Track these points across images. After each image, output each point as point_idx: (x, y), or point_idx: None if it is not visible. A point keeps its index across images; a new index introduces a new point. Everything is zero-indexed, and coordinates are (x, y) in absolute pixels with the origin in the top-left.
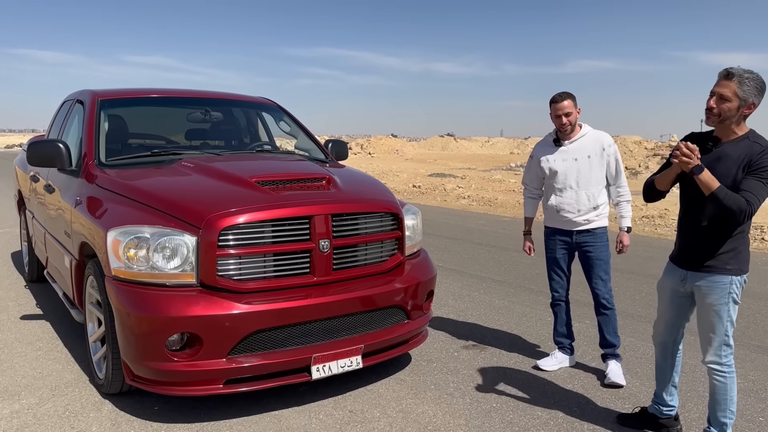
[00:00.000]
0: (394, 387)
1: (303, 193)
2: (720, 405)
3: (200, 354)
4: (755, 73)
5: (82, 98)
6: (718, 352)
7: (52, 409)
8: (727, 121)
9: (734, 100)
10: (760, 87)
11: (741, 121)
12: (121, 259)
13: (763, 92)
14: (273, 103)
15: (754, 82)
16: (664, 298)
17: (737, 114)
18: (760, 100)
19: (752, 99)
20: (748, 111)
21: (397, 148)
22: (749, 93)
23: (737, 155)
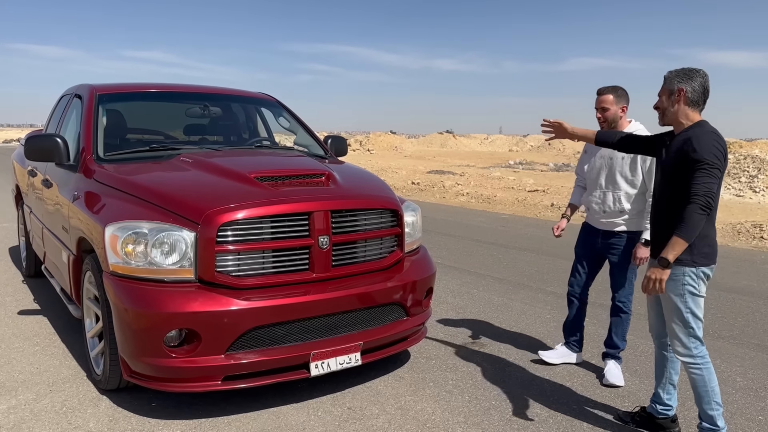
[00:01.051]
0: (393, 384)
1: (302, 189)
2: (703, 398)
3: (198, 350)
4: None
5: (80, 93)
6: (686, 344)
7: (50, 405)
8: (667, 114)
9: (663, 94)
10: (682, 75)
11: (684, 110)
12: (119, 254)
13: (687, 77)
14: (272, 98)
15: (674, 73)
16: None
17: (672, 103)
18: (690, 83)
19: (676, 86)
20: (679, 97)
21: (396, 145)
22: (672, 82)
23: (678, 145)
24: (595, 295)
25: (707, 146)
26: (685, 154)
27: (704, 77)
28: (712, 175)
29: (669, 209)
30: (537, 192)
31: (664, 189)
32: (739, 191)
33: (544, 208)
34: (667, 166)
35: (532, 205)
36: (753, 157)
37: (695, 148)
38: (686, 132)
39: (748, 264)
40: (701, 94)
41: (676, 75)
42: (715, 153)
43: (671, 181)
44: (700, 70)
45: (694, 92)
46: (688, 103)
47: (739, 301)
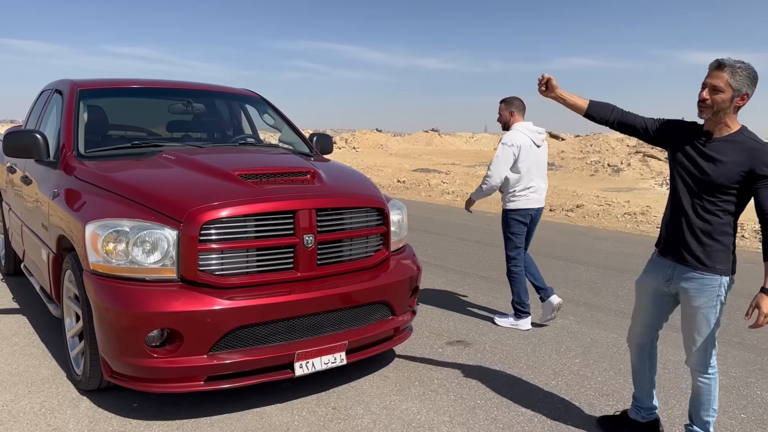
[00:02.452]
0: (378, 383)
1: (287, 187)
2: (704, 405)
3: (180, 350)
4: (746, 63)
5: (60, 88)
6: (704, 356)
7: (28, 406)
8: (720, 113)
9: (727, 91)
10: (752, 77)
11: (733, 113)
12: (99, 252)
13: (755, 82)
14: (257, 95)
15: (746, 71)
16: (645, 297)
17: (730, 105)
18: (753, 91)
19: (745, 89)
20: (741, 102)
21: (382, 143)
22: (742, 83)
23: (737, 158)
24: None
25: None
26: (751, 167)
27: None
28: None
29: (711, 220)
30: None
31: (699, 195)
32: None
33: None
34: (709, 172)
35: None
36: None
37: (766, 162)
38: (737, 139)
39: None
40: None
41: (747, 76)
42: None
43: (715, 188)
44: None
45: (748, 99)
46: (737, 110)
47: None
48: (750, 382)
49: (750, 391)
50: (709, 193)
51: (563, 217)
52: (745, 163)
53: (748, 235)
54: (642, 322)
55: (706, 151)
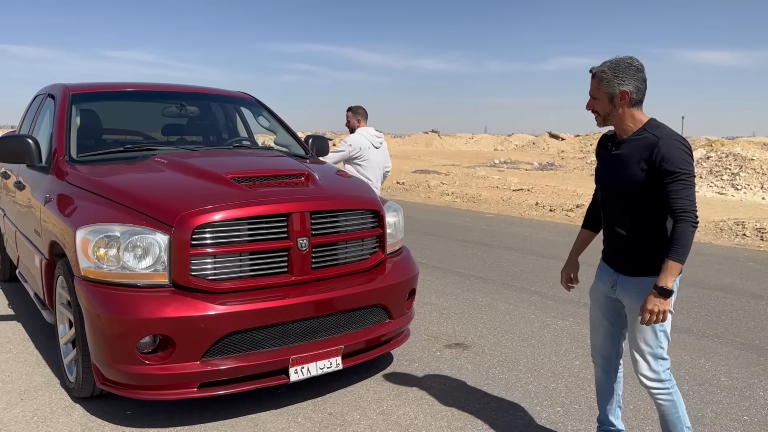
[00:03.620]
0: (375, 388)
1: (281, 190)
2: (675, 426)
3: (173, 357)
4: (615, 59)
5: (53, 92)
6: (654, 368)
7: (20, 414)
8: (610, 117)
9: (601, 97)
10: (623, 71)
11: (629, 111)
12: (90, 258)
13: (629, 74)
14: (252, 97)
15: (612, 71)
16: (598, 306)
17: (615, 108)
18: (636, 83)
19: (619, 88)
20: (622, 101)
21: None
22: (611, 84)
23: (639, 155)
24: None
25: (677, 153)
26: (651, 165)
27: (642, 69)
28: (691, 184)
29: (631, 224)
30: (521, 191)
31: (619, 202)
32: (722, 189)
33: (529, 207)
34: (620, 177)
35: (516, 204)
36: (735, 155)
37: (665, 157)
38: (640, 137)
39: (731, 261)
40: (644, 89)
41: (613, 75)
42: (687, 159)
43: (629, 193)
44: (633, 61)
45: (638, 91)
46: (633, 104)
47: (722, 299)
48: (753, 383)
49: (753, 392)
50: (624, 198)
51: (563, 217)
52: (646, 161)
53: (749, 234)
54: (601, 333)
55: (614, 156)
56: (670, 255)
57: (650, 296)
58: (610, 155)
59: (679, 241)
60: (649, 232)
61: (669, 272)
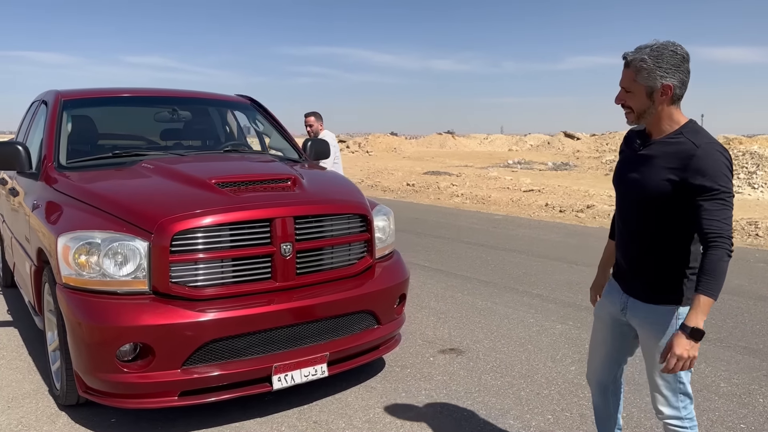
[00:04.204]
0: (363, 395)
1: (264, 195)
2: None
3: (153, 365)
4: (659, 46)
5: (46, 99)
6: (674, 404)
7: (5, 423)
8: (646, 114)
9: (637, 91)
10: (667, 62)
11: (668, 109)
12: (71, 265)
13: (674, 64)
14: (247, 101)
15: (654, 61)
16: (603, 327)
17: (652, 104)
18: (681, 76)
19: (661, 81)
20: (664, 96)
21: (395, 146)
22: (652, 76)
23: (667, 156)
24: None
25: (718, 167)
26: (684, 177)
27: (687, 59)
28: (729, 205)
29: (649, 240)
30: (532, 192)
31: (638, 212)
32: (738, 188)
33: (538, 208)
34: (644, 184)
35: (526, 205)
36: (752, 153)
37: (703, 170)
38: (675, 140)
39: (741, 262)
40: (687, 84)
41: (655, 65)
42: (728, 175)
43: (651, 203)
44: (678, 49)
45: (683, 86)
46: (674, 101)
47: (729, 302)
48: (753, 390)
49: (752, 399)
50: (645, 208)
51: (573, 218)
52: (677, 171)
53: (762, 234)
54: (600, 356)
55: (640, 156)
56: (703, 289)
57: (679, 338)
58: (635, 155)
59: (712, 272)
60: (669, 253)
61: (701, 310)
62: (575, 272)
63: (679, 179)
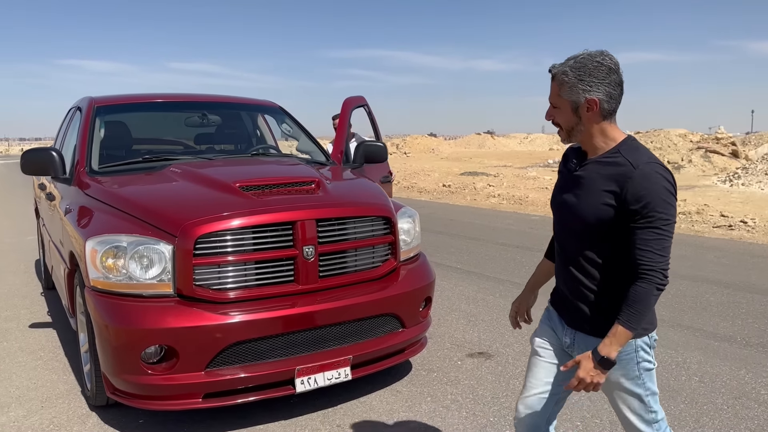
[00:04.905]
0: (388, 399)
1: (287, 198)
2: None
3: (177, 367)
4: (582, 57)
5: (81, 105)
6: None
7: (38, 422)
8: (574, 133)
9: (563, 106)
10: (588, 73)
11: (600, 126)
12: (98, 268)
13: (598, 76)
14: (275, 105)
15: (575, 73)
16: (545, 358)
17: (580, 120)
18: (604, 89)
19: (583, 95)
20: (590, 112)
21: (433, 147)
22: (575, 90)
23: (603, 178)
24: None
25: (656, 191)
26: (620, 201)
27: (615, 69)
28: (667, 234)
29: (591, 269)
30: None
31: (575, 238)
32: None
33: None
34: (579, 208)
35: None
36: None
37: (640, 195)
38: (611, 160)
39: None
40: (619, 96)
41: (577, 78)
42: (669, 200)
43: (588, 229)
44: (605, 59)
45: (611, 100)
46: (604, 116)
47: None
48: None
49: None
50: (583, 233)
51: None
52: (613, 194)
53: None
54: (537, 393)
55: (575, 178)
56: (623, 320)
57: (587, 361)
58: (571, 176)
59: (636, 304)
60: (615, 281)
61: (617, 340)
62: None
63: (616, 203)
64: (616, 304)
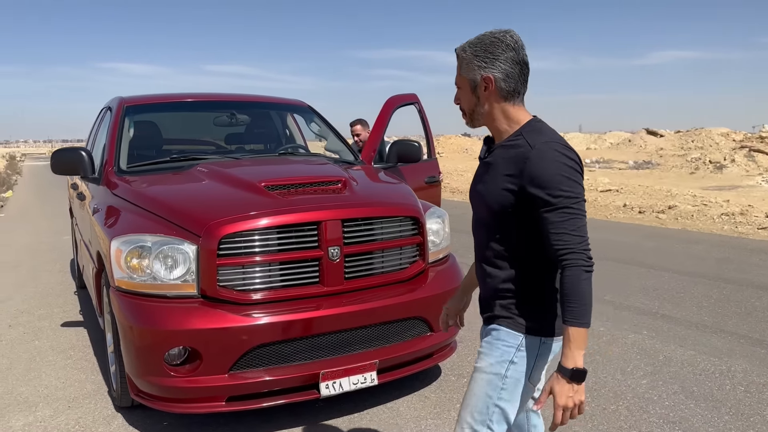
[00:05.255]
0: (416, 405)
1: (313, 197)
2: None
3: (200, 369)
4: (484, 34)
5: (111, 105)
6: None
7: (63, 423)
8: (476, 115)
9: (463, 86)
10: (484, 49)
11: (500, 107)
12: (123, 268)
13: (493, 53)
14: (304, 104)
15: (471, 49)
16: None
17: (478, 101)
18: (501, 66)
19: (479, 72)
20: (487, 91)
21: (467, 147)
22: (471, 66)
23: (505, 163)
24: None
25: (557, 169)
26: (524, 184)
27: (515, 47)
28: (577, 213)
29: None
30: (610, 192)
31: (484, 228)
32: None
33: (616, 209)
34: (486, 196)
35: (602, 206)
36: None
37: (539, 175)
38: (513, 143)
39: None
40: (519, 75)
41: (473, 54)
42: (571, 175)
43: (492, 219)
44: (505, 36)
45: (508, 78)
46: (504, 96)
47: None
48: None
49: None
50: (493, 223)
51: (653, 219)
52: (515, 178)
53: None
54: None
55: (484, 165)
56: (568, 318)
57: (560, 384)
58: (481, 164)
59: (571, 296)
60: (524, 279)
61: (575, 345)
62: (652, 277)
63: (516, 187)
64: (529, 304)
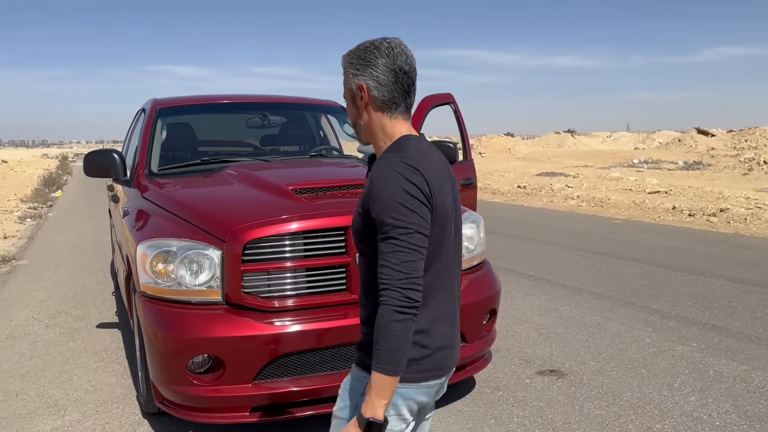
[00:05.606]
0: (448, 419)
1: (341, 201)
2: None
3: (223, 378)
4: (365, 41)
5: (145, 107)
6: None
7: (90, 428)
8: (357, 128)
9: (347, 97)
10: (359, 57)
11: (376, 118)
12: (148, 273)
13: (366, 59)
14: (337, 105)
15: (348, 56)
16: None
17: (359, 112)
18: (373, 73)
19: (353, 81)
20: (362, 101)
21: (509, 147)
22: (347, 74)
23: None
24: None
25: (390, 193)
26: (367, 209)
27: (390, 54)
28: (403, 246)
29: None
30: (658, 194)
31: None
32: None
33: (664, 212)
34: (353, 222)
35: (650, 209)
36: None
37: (375, 200)
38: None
39: None
40: (394, 84)
41: (348, 62)
42: (407, 204)
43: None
44: (382, 43)
45: (381, 87)
46: (378, 107)
47: None
48: None
49: None
50: (361, 250)
51: (704, 222)
52: (364, 201)
53: None
54: None
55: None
56: (374, 362)
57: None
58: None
59: (379, 337)
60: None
61: (376, 391)
62: (702, 284)
63: (364, 212)
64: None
